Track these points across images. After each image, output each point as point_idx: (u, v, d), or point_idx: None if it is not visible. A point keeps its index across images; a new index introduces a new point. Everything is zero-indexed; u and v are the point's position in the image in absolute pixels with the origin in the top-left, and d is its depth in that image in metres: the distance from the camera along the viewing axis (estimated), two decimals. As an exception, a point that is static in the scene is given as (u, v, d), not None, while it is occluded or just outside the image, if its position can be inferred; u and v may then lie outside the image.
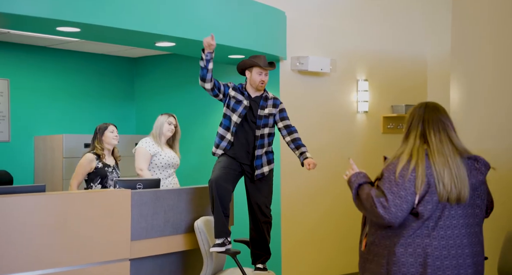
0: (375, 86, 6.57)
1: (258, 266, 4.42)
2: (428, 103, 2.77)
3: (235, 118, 4.33)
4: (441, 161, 2.59)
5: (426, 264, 2.53)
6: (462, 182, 2.57)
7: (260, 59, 4.39)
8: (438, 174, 2.57)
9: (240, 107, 4.34)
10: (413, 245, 2.57)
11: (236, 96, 4.37)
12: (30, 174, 6.59)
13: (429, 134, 2.66)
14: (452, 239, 2.57)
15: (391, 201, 2.55)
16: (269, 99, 4.42)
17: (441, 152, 2.61)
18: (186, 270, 4.60)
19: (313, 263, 6.03)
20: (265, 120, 4.37)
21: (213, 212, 4.26)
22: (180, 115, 6.42)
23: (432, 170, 2.58)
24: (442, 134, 2.66)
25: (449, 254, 2.55)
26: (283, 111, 4.46)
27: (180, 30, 4.79)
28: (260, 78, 4.35)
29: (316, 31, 6.09)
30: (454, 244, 2.57)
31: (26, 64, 6.65)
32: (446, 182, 2.56)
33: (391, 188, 2.58)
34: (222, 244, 4.20)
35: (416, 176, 2.57)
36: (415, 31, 6.95)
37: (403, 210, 2.55)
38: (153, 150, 4.90)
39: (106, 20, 4.29)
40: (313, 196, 6.04)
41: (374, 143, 6.54)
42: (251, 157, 4.36)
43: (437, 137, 2.65)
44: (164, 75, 7.09)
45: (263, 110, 4.36)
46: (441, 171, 2.58)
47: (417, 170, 2.57)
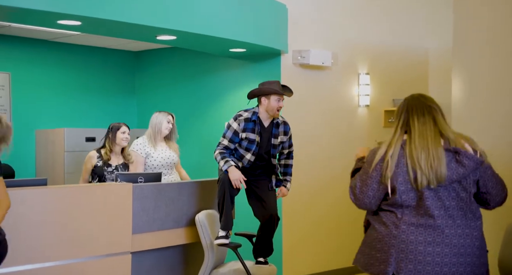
0: (377, 80, 6.56)
1: (259, 260, 4.44)
2: (413, 94, 2.82)
3: (249, 156, 4.31)
4: (421, 144, 2.62)
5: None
6: (438, 162, 2.59)
7: (276, 85, 4.31)
8: (415, 161, 2.60)
9: (254, 146, 4.29)
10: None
11: (248, 137, 4.26)
12: (32, 167, 6.60)
13: (412, 120, 2.71)
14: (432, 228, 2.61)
15: (359, 188, 2.74)
16: (280, 125, 4.37)
17: (422, 134, 2.64)
18: (187, 263, 4.61)
19: (313, 258, 6.04)
20: (278, 148, 4.43)
21: (220, 205, 4.26)
22: (181, 109, 6.43)
23: (407, 159, 2.62)
24: (427, 117, 2.69)
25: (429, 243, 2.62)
26: (290, 139, 4.49)
27: (181, 24, 4.78)
28: (278, 105, 4.27)
29: (318, 24, 6.08)
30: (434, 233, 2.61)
31: (27, 57, 6.65)
32: (423, 166, 2.59)
33: (361, 176, 2.75)
34: (226, 236, 4.23)
35: (384, 166, 2.64)
36: (416, 24, 6.93)
37: (369, 196, 2.70)
38: (145, 152, 4.91)
39: (107, 13, 4.28)
40: (313, 191, 6.05)
41: (375, 137, 6.49)
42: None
43: (420, 120, 2.69)
44: (165, 69, 7.08)
45: (276, 139, 4.37)
46: (419, 155, 2.61)
47: (386, 160, 2.64)
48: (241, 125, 4.25)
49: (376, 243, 2.70)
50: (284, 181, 4.50)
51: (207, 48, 5.82)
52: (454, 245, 2.60)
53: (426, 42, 6.96)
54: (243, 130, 4.25)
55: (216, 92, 6.40)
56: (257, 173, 4.41)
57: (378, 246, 2.68)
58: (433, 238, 2.60)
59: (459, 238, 2.61)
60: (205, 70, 6.58)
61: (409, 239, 2.61)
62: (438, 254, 2.59)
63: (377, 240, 2.70)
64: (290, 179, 4.53)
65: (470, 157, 2.62)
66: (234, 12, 5.22)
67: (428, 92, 6.92)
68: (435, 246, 2.60)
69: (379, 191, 2.69)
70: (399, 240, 2.62)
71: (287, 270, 5.77)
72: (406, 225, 2.63)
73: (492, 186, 2.71)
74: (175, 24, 4.74)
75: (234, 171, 4.16)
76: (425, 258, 2.59)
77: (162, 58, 7.12)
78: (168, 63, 7.04)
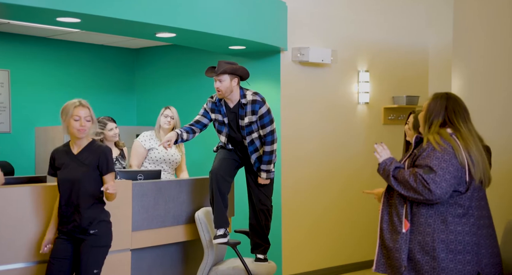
0: (376, 77, 6.56)
1: (258, 257, 4.44)
2: (449, 94, 2.90)
3: (223, 139, 4.36)
4: (473, 149, 2.75)
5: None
6: (487, 167, 2.77)
7: (207, 69, 4.33)
8: (474, 159, 2.74)
9: (224, 128, 4.33)
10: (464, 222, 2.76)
11: (217, 118, 4.34)
12: (31, 164, 6.60)
13: (458, 123, 2.81)
14: (483, 219, 2.79)
15: (442, 176, 2.67)
16: (246, 105, 4.24)
17: (471, 140, 2.77)
18: (187, 260, 4.62)
19: (313, 254, 6.04)
20: (249, 129, 4.28)
21: (212, 203, 4.27)
22: (181, 106, 6.41)
23: (468, 155, 2.74)
24: (468, 123, 2.83)
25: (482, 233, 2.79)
26: (263, 117, 4.25)
27: (180, 21, 4.77)
28: (215, 86, 4.25)
29: (317, 22, 6.07)
30: (484, 224, 2.81)
31: (27, 55, 6.64)
32: (481, 166, 2.75)
33: (440, 164, 2.69)
34: (224, 235, 4.22)
35: (460, 156, 2.72)
36: (416, 21, 6.93)
37: (452, 185, 2.69)
38: (149, 145, 4.90)
39: (107, 10, 4.28)
40: (313, 187, 6.05)
41: (375, 134, 6.54)
42: (249, 158, 4.36)
43: (465, 126, 2.81)
44: (165, 66, 7.08)
45: (243, 121, 4.26)
46: (476, 156, 2.74)
47: (459, 151, 2.73)
48: (209, 105, 4.40)
49: (453, 245, 2.81)
50: (258, 170, 4.33)
51: (206, 46, 5.81)
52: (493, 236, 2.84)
53: (426, 39, 6.95)
54: (212, 111, 4.36)
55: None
56: (246, 157, 4.38)
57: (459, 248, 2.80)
58: (487, 230, 2.84)
59: (492, 229, 2.85)
60: (205, 68, 6.54)
61: (489, 233, 2.86)
62: (496, 246, 2.84)
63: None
64: (265, 167, 4.29)
65: (491, 153, 2.95)
66: (234, 10, 5.21)
67: (427, 89, 6.92)
68: (491, 239, 2.84)
69: (459, 180, 2.75)
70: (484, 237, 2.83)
71: (287, 267, 5.77)
72: (487, 220, 2.88)
73: None
74: (175, 21, 4.74)
75: (171, 133, 4.27)
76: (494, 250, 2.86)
77: (161, 56, 7.11)
78: (167, 61, 7.04)
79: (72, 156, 3.53)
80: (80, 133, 3.50)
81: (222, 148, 4.42)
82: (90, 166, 3.48)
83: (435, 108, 2.86)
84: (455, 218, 2.72)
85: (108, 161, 3.52)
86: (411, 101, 6.60)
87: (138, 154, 4.89)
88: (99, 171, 3.49)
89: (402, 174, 2.79)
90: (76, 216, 3.43)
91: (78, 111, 3.51)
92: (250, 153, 4.32)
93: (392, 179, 2.81)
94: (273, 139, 4.29)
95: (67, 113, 3.53)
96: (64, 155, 3.54)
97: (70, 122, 3.50)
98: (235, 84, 4.22)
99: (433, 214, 2.75)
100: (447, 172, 2.69)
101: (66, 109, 3.55)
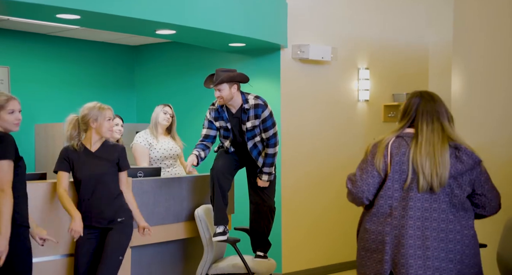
0: (376, 75, 6.56)
1: (258, 254, 4.45)
2: (423, 93, 2.79)
3: (227, 143, 4.37)
4: (426, 151, 2.64)
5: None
6: (443, 167, 2.61)
7: (210, 76, 4.34)
8: (418, 167, 2.63)
9: (230, 133, 4.35)
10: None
11: (222, 125, 4.37)
12: (31, 161, 6.60)
13: (421, 125, 2.70)
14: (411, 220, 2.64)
15: (358, 176, 2.74)
16: (249, 110, 4.27)
17: (429, 141, 2.66)
18: (187, 257, 4.62)
19: (313, 252, 6.05)
20: (251, 133, 4.30)
21: (212, 200, 4.28)
22: (180, 103, 6.41)
23: (410, 162, 2.65)
24: (435, 123, 2.70)
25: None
26: (265, 121, 4.29)
27: (180, 18, 4.77)
28: (216, 95, 4.28)
29: (317, 19, 6.07)
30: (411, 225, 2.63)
31: (27, 52, 6.63)
32: (426, 172, 2.62)
33: (360, 165, 2.76)
34: (223, 232, 4.23)
35: (383, 156, 2.67)
36: (416, 19, 6.92)
37: (369, 184, 2.70)
38: (148, 143, 4.89)
39: (107, 7, 4.27)
40: (313, 185, 6.05)
41: (375, 132, 6.53)
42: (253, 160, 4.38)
43: (429, 127, 2.69)
44: (164, 63, 7.07)
45: (245, 126, 4.28)
46: (423, 162, 2.63)
47: (388, 151, 2.67)
48: (212, 114, 4.39)
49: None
50: (259, 172, 4.36)
51: (206, 43, 5.81)
52: (441, 239, 2.61)
53: (426, 37, 6.94)
54: (215, 119, 4.37)
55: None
56: (249, 158, 4.39)
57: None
58: (430, 233, 2.62)
59: (448, 233, 2.62)
60: (205, 65, 6.57)
61: (408, 234, 2.64)
62: (428, 248, 2.62)
63: None
64: (267, 170, 4.32)
65: (469, 153, 2.63)
66: (234, 7, 5.21)
67: (427, 87, 6.91)
68: (424, 240, 2.62)
69: (379, 179, 2.71)
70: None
71: (287, 265, 5.78)
72: (413, 220, 2.66)
73: (488, 189, 2.70)
74: (175, 18, 4.73)
75: (190, 156, 4.32)
76: (416, 252, 2.62)
77: (161, 53, 7.11)
78: (167, 58, 7.03)
79: (90, 153, 3.74)
80: (112, 134, 3.89)
81: (222, 148, 4.43)
82: (110, 162, 3.75)
83: (407, 109, 2.77)
84: (372, 217, 2.73)
85: (125, 158, 3.83)
86: (411, 99, 6.59)
87: (143, 155, 4.88)
88: (118, 167, 3.77)
89: None
90: (103, 208, 3.66)
91: (110, 113, 3.80)
92: (255, 158, 4.34)
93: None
94: (276, 141, 4.34)
95: (98, 115, 3.75)
96: (80, 153, 3.73)
97: (103, 124, 3.74)
98: (234, 90, 4.24)
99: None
100: (364, 171, 2.71)
101: (96, 112, 3.76)
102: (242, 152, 4.38)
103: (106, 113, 3.76)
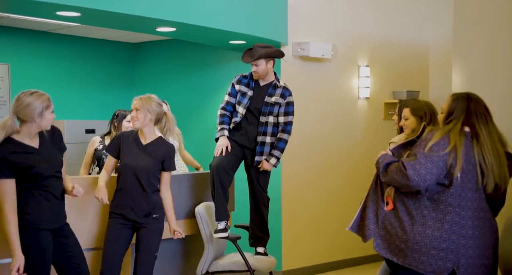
0: (377, 72, 6.55)
1: (258, 251, 4.45)
2: (471, 95, 2.86)
3: (241, 110, 4.39)
4: (491, 152, 2.72)
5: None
6: (504, 172, 2.74)
7: (248, 50, 4.46)
8: (488, 163, 2.71)
9: (245, 99, 4.39)
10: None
11: (241, 89, 4.44)
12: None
13: (478, 126, 2.77)
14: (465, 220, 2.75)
15: (423, 164, 2.67)
16: (278, 87, 4.42)
17: (488, 144, 2.74)
18: (187, 255, 4.62)
19: (313, 249, 6.05)
20: (271, 108, 4.38)
21: (213, 196, 4.28)
22: (180, 101, 6.41)
23: (482, 158, 2.72)
24: (490, 126, 2.79)
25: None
26: (289, 105, 4.43)
27: (180, 15, 4.76)
28: (252, 70, 4.40)
29: (318, 16, 6.06)
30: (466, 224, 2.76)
31: (27, 49, 6.63)
32: (496, 171, 2.72)
33: (424, 153, 2.69)
34: (225, 229, 4.24)
35: (453, 160, 2.70)
36: (417, 16, 6.91)
37: (433, 174, 2.67)
38: None
39: (107, 4, 4.27)
40: (313, 182, 6.05)
41: (375, 129, 6.53)
42: (254, 143, 4.36)
43: (486, 129, 2.76)
44: (165, 61, 7.07)
45: (270, 98, 4.38)
46: (490, 161, 2.72)
47: (457, 155, 2.70)
48: (237, 78, 4.50)
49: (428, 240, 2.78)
50: (269, 154, 4.38)
51: (207, 40, 5.80)
52: (494, 239, 2.83)
53: (426, 34, 6.94)
54: (237, 82, 4.46)
55: (216, 84, 6.38)
56: (246, 148, 4.40)
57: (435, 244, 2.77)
58: (485, 232, 2.81)
59: (495, 232, 2.85)
60: (205, 62, 6.57)
61: (468, 234, 2.79)
62: (488, 248, 2.80)
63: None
64: (278, 154, 4.37)
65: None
66: (234, 4, 5.20)
67: (428, 84, 6.92)
68: (485, 240, 2.81)
69: (437, 176, 2.72)
70: (457, 235, 2.77)
71: (287, 262, 5.78)
72: (465, 220, 2.79)
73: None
74: (175, 16, 4.73)
75: (223, 139, 4.33)
76: (479, 252, 2.80)
77: (161, 50, 7.10)
78: (167, 55, 7.02)
79: (141, 145, 3.78)
80: (133, 124, 3.83)
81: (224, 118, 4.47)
82: (157, 159, 3.76)
83: (455, 110, 2.81)
84: (423, 211, 2.76)
85: (172, 159, 3.85)
86: (411, 96, 6.59)
87: None
88: (162, 165, 3.80)
89: (391, 167, 2.82)
90: (142, 200, 3.70)
91: (132, 105, 3.88)
92: (259, 133, 4.37)
93: (382, 173, 2.86)
94: (291, 129, 4.47)
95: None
96: (132, 142, 3.78)
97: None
98: (270, 66, 4.39)
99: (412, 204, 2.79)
100: (429, 160, 2.68)
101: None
102: (247, 129, 4.38)
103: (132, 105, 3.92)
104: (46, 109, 3.24)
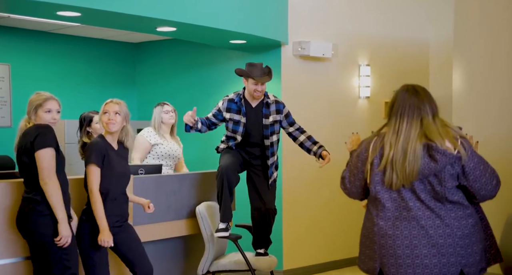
0: (377, 72, 6.55)
1: (259, 251, 4.45)
2: (409, 88, 2.78)
3: (238, 137, 4.35)
4: (403, 147, 2.67)
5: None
6: (415, 162, 2.63)
7: (256, 68, 4.28)
8: (393, 165, 2.66)
9: (240, 127, 4.32)
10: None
11: (233, 118, 4.32)
12: (32, 158, 6.59)
13: (402, 121, 2.72)
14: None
15: (347, 178, 2.86)
16: (270, 104, 4.33)
17: (406, 137, 2.68)
18: (188, 254, 4.63)
19: (314, 249, 6.05)
20: (272, 128, 4.36)
21: (219, 197, 4.28)
22: (181, 101, 6.41)
23: (385, 161, 2.68)
24: (415, 119, 2.70)
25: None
26: (289, 115, 4.43)
27: (181, 15, 4.77)
28: (255, 88, 4.26)
29: (318, 16, 6.06)
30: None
31: (27, 49, 6.63)
32: (399, 169, 2.65)
33: (349, 166, 2.86)
34: (226, 229, 4.24)
35: (369, 156, 2.74)
36: (417, 15, 6.91)
37: (357, 186, 2.81)
38: (154, 140, 4.88)
39: (107, 4, 4.27)
40: (314, 182, 6.05)
41: (376, 128, 6.50)
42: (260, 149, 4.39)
43: (408, 123, 2.70)
44: (165, 60, 7.07)
45: (267, 120, 4.33)
46: (398, 158, 2.66)
47: (368, 150, 2.75)
48: (225, 104, 4.34)
49: (364, 239, 2.81)
50: (319, 147, 4.45)
51: (207, 40, 5.80)
52: (430, 236, 2.64)
53: (427, 33, 6.93)
54: (227, 110, 4.32)
55: (217, 83, 6.39)
56: (253, 159, 4.39)
57: (367, 243, 2.78)
58: (409, 231, 2.65)
59: (437, 229, 2.64)
60: (205, 62, 6.57)
61: (387, 234, 2.68)
62: (416, 247, 2.63)
63: (364, 236, 2.81)
64: (320, 143, 4.49)
65: (442, 152, 2.63)
66: (235, 4, 5.20)
67: (428, 83, 6.91)
68: (411, 239, 2.64)
69: (364, 180, 2.79)
70: (378, 236, 2.70)
71: (288, 261, 5.79)
72: (384, 221, 2.70)
73: (474, 179, 2.69)
74: (175, 15, 4.73)
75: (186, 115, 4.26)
76: (404, 252, 2.65)
77: (162, 50, 7.11)
78: (168, 55, 7.03)
79: (114, 150, 3.66)
80: (108, 127, 3.60)
81: (228, 148, 4.42)
82: (127, 162, 3.74)
83: (394, 104, 2.79)
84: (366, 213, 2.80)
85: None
86: (412, 95, 6.59)
87: (142, 148, 4.86)
88: None
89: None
90: (125, 206, 3.69)
91: (107, 107, 3.72)
92: (267, 157, 4.37)
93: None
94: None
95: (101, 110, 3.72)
96: (108, 149, 3.63)
97: (101, 118, 3.67)
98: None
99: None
100: (351, 173, 2.83)
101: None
102: (248, 151, 4.38)
103: (104, 107, 3.80)
104: (39, 108, 3.34)
